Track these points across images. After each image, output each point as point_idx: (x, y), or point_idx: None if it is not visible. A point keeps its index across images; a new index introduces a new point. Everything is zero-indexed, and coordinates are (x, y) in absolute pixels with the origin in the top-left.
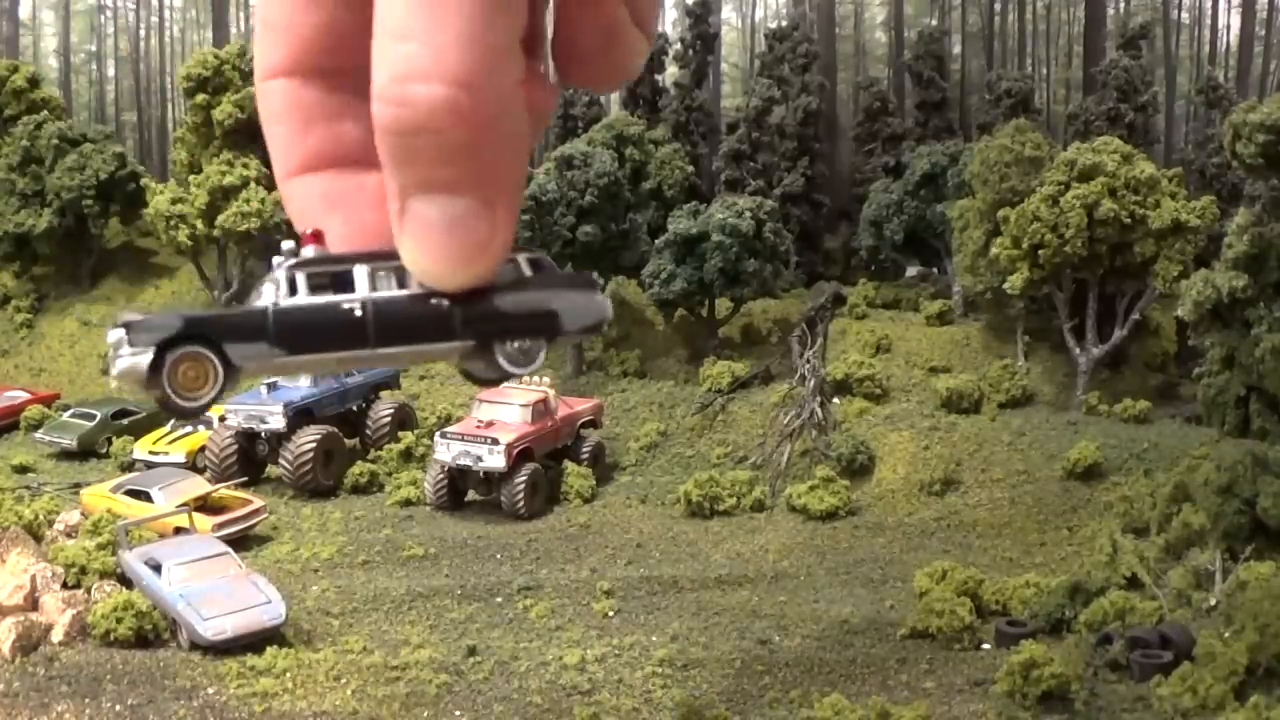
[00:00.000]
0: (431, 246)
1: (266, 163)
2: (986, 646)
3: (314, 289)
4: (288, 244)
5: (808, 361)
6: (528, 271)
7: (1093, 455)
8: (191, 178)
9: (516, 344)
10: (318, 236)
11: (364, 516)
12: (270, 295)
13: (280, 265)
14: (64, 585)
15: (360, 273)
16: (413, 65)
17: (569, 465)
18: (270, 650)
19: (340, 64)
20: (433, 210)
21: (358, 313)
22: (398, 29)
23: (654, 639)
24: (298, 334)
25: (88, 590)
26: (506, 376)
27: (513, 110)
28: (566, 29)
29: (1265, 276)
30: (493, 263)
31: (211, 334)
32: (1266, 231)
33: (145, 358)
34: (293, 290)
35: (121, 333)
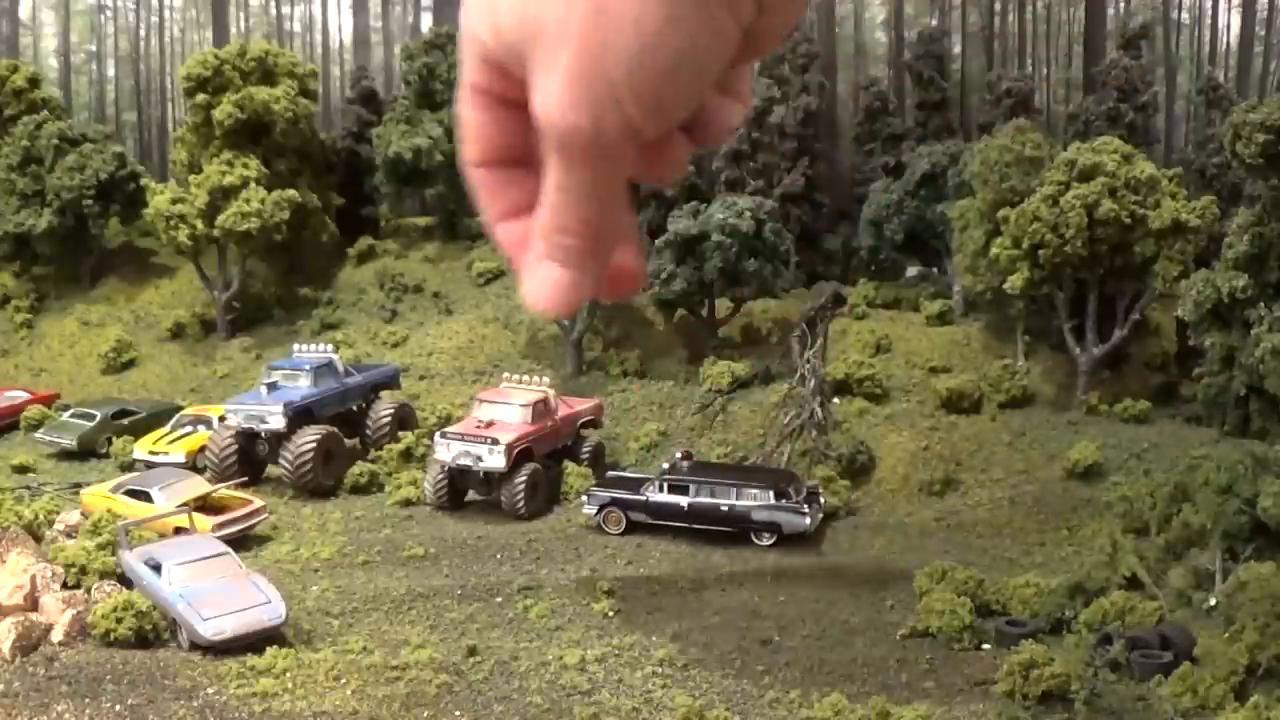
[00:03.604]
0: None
1: (266, 163)
2: (986, 646)
3: (671, 490)
4: (676, 457)
5: (808, 361)
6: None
7: (1093, 455)
8: (191, 178)
9: (766, 531)
10: (688, 456)
11: (364, 516)
12: (652, 489)
13: (660, 473)
14: (64, 585)
15: (691, 488)
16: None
17: (569, 465)
18: (270, 650)
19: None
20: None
21: (684, 506)
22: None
23: (654, 639)
24: (655, 510)
25: (88, 590)
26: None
27: None
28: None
29: (1265, 276)
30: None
31: (622, 505)
32: (1266, 231)
33: (593, 510)
34: (660, 490)
35: (586, 500)
